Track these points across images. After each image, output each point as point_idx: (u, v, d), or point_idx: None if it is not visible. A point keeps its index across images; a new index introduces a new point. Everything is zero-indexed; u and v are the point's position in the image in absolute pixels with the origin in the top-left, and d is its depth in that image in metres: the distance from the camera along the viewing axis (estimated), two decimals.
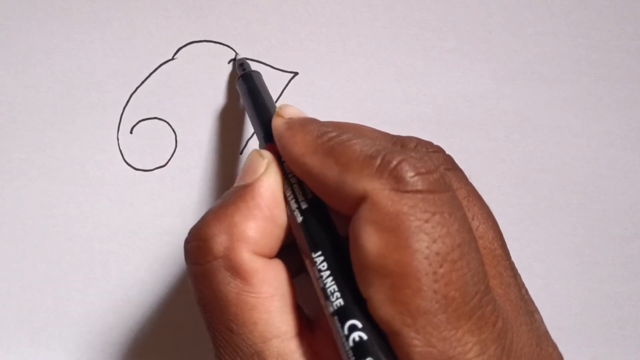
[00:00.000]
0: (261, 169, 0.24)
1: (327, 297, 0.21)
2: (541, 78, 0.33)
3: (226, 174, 0.33)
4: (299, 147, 0.23)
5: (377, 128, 0.31)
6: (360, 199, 0.21)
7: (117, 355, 0.35)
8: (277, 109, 0.26)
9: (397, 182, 0.20)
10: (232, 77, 0.33)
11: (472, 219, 0.24)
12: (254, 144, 0.33)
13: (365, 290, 0.20)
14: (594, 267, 0.35)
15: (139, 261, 0.34)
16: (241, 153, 0.34)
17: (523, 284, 0.25)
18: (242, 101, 0.30)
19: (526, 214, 0.34)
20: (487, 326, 0.20)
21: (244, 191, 0.23)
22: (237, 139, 0.33)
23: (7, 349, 0.34)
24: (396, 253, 0.20)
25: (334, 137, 0.22)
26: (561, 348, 0.36)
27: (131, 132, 0.33)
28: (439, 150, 0.26)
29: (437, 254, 0.20)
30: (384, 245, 0.20)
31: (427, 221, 0.20)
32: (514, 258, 0.33)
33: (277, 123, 0.25)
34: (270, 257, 0.23)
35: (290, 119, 0.25)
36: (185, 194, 0.33)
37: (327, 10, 0.32)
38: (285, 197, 0.24)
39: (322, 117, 0.33)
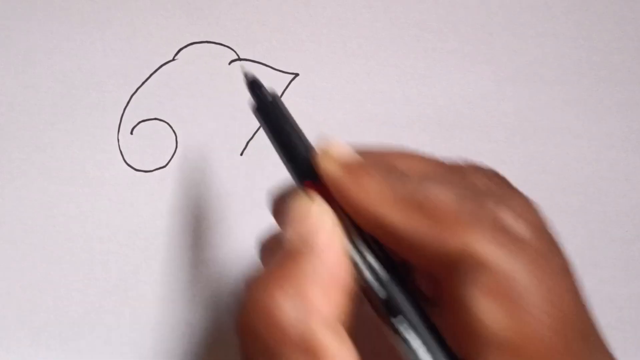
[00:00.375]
0: (321, 224, 0.20)
1: None
2: (542, 79, 0.33)
3: (227, 175, 0.33)
4: (374, 200, 0.19)
5: (377, 129, 0.31)
6: (460, 257, 0.18)
7: (117, 355, 0.35)
8: (321, 146, 0.22)
9: (504, 234, 0.18)
10: (230, 77, 0.33)
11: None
12: (254, 144, 0.33)
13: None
14: (595, 269, 0.35)
15: (139, 261, 0.34)
16: (241, 154, 0.33)
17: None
18: (264, 130, 0.25)
19: None
20: None
21: (310, 253, 0.19)
22: (237, 139, 0.33)
23: (7, 349, 0.34)
24: (518, 324, 0.17)
25: (417, 186, 0.19)
26: None
27: (131, 133, 0.33)
28: (496, 175, 0.22)
29: (560, 320, 0.18)
30: (504, 316, 0.17)
31: (542, 281, 0.18)
32: None
33: (329, 167, 0.21)
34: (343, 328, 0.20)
35: (345, 162, 0.21)
36: (185, 195, 0.33)
37: (327, 11, 0.32)
38: (356, 263, 0.20)
39: (323, 118, 0.33)
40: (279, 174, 0.34)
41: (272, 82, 0.32)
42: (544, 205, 0.36)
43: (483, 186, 0.21)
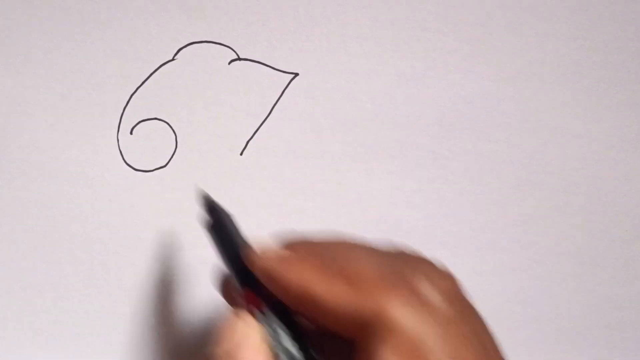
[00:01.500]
0: (246, 340, 0.22)
1: None
2: (542, 80, 0.33)
3: (226, 174, 0.33)
4: (302, 275, 0.22)
5: (377, 129, 0.31)
6: (377, 319, 0.19)
7: (117, 356, 0.35)
8: (251, 253, 0.24)
9: (418, 299, 0.19)
10: (230, 77, 0.33)
11: None
12: (254, 144, 0.33)
13: None
14: (595, 269, 0.35)
15: (139, 261, 0.34)
16: (241, 154, 0.33)
17: None
18: (213, 246, 0.28)
19: (527, 215, 0.34)
20: None
21: None
22: (237, 139, 0.33)
23: (7, 349, 0.34)
24: None
25: (339, 259, 0.22)
26: (561, 350, 0.36)
27: (131, 133, 0.33)
28: (420, 255, 0.24)
29: None
30: None
31: (449, 344, 0.19)
32: (514, 259, 0.33)
33: (263, 263, 0.23)
34: None
35: (280, 253, 0.23)
36: (185, 195, 0.33)
37: (327, 11, 0.32)
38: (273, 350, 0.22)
39: (323, 118, 0.33)
40: (279, 174, 0.34)
41: (272, 82, 0.33)
42: (544, 205, 0.36)
43: (405, 260, 0.23)
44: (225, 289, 0.28)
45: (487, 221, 0.34)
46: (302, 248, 0.23)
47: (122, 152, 0.33)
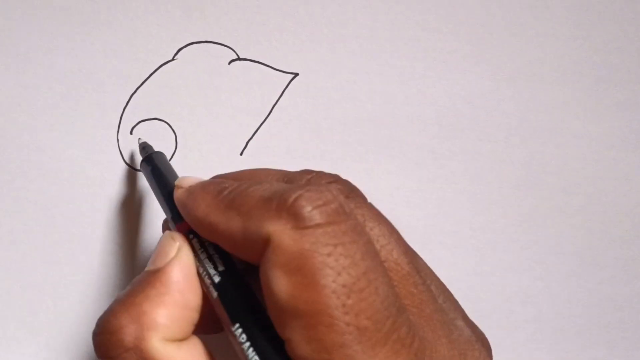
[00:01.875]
0: (172, 253, 0.24)
1: None
2: (542, 79, 0.33)
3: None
4: (202, 209, 0.23)
5: (377, 129, 0.31)
6: (265, 244, 0.21)
7: None
8: (175, 183, 0.25)
9: (296, 219, 0.20)
10: (230, 77, 0.33)
11: (374, 243, 0.23)
12: (254, 144, 0.33)
13: (282, 333, 0.20)
14: (595, 269, 0.35)
15: (138, 261, 0.34)
16: (241, 154, 0.33)
17: (443, 291, 0.25)
18: (149, 185, 0.30)
19: (527, 215, 0.34)
20: (403, 349, 0.20)
21: (154, 277, 0.23)
22: (237, 139, 0.33)
23: (7, 349, 0.34)
24: (305, 292, 0.20)
25: (233, 190, 0.23)
26: (561, 349, 0.36)
27: (131, 133, 0.33)
28: (335, 179, 0.25)
29: (344, 286, 0.20)
30: (292, 286, 0.20)
31: (330, 255, 0.20)
32: (514, 259, 0.33)
33: (178, 194, 0.25)
34: (185, 339, 0.23)
35: (190, 186, 0.25)
36: None
37: (327, 11, 0.32)
38: (200, 276, 0.23)
39: (323, 118, 0.33)
40: None
41: (271, 82, 0.33)
42: (544, 205, 0.36)
43: (298, 181, 0.25)
44: (166, 227, 0.29)
45: (487, 221, 0.34)
46: (212, 182, 0.24)
47: (122, 152, 0.33)
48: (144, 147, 0.31)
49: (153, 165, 0.29)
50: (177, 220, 0.25)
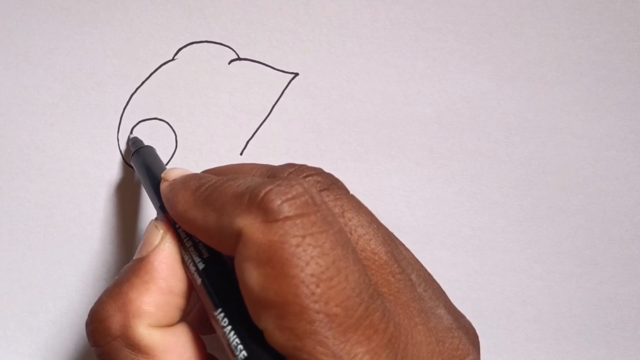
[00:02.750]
0: (156, 241, 0.24)
1: (232, 352, 0.21)
2: (541, 79, 0.33)
3: None
4: (182, 204, 0.23)
5: (377, 129, 0.31)
6: (238, 238, 0.21)
7: None
8: (162, 175, 0.26)
9: (266, 213, 0.21)
10: (230, 77, 0.33)
11: (351, 233, 0.24)
12: (254, 144, 0.33)
13: (258, 324, 0.21)
14: (594, 269, 0.35)
15: None
16: (241, 154, 0.34)
17: (425, 279, 0.25)
18: (138, 177, 0.30)
19: (526, 215, 0.34)
20: (376, 334, 0.20)
21: (138, 266, 0.24)
22: (237, 139, 0.33)
23: (7, 349, 0.34)
24: (275, 283, 0.20)
25: (210, 185, 0.23)
26: (561, 349, 0.36)
27: (131, 133, 0.33)
28: (316, 172, 0.26)
29: (312, 275, 0.20)
30: (263, 278, 0.20)
31: (298, 245, 0.20)
32: (514, 259, 0.33)
33: (162, 187, 0.25)
34: (172, 325, 0.24)
35: (173, 180, 0.25)
36: None
37: (327, 11, 0.32)
38: (185, 263, 0.24)
39: (322, 118, 0.33)
40: None
41: (272, 82, 0.33)
42: (544, 205, 0.36)
43: (271, 175, 0.25)
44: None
45: (487, 221, 0.34)
46: (193, 177, 0.25)
47: (122, 152, 0.33)
48: (134, 142, 0.32)
49: (142, 159, 0.30)
50: (164, 210, 0.26)
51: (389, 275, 0.24)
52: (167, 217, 0.25)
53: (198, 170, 0.33)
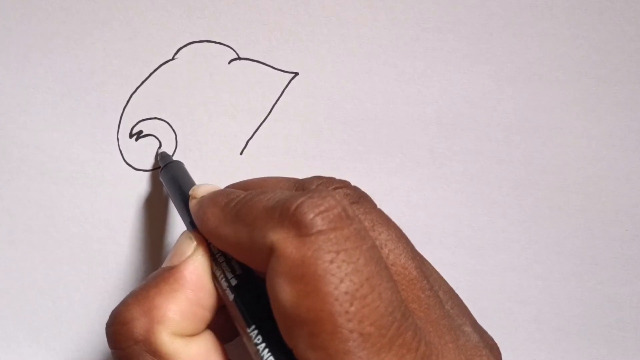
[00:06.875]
0: (188, 252, 0.24)
1: None
2: (542, 79, 0.33)
3: (226, 174, 0.33)
4: (212, 221, 0.23)
5: (377, 129, 0.31)
6: (270, 253, 0.21)
7: None
8: (190, 192, 0.26)
9: (299, 227, 0.20)
10: (230, 76, 0.33)
11: (382, 247, 0.24)
12: (254, 144, 0.33)
13: (289, 341, 0.20)
14: (595, 268, 0.35)
15: (138, 261, 0.34)
16: (241, 153, 0.34)
17: (451, 296, 0.25)
18: (167, 192, 0.30)
19: (527, 215, 0.34)
20: (409, 353, 0.20)
21: (169, 273, 0.24)
22: (237, 139, 0.33)
23: (7, 349, 0.34)
24: (307, 300, 0.20)
25: (240, 201, 0.23)
26: (561, 349, 0.36)
27: (131, 132, 0.33)
28: (343, 185, 0.25)
29: (346, 293, 0.20)
30: (296, 294, 0.20)
31: (332, 262, 0.20)
32: (514, 259, 0.33)
33: (191, 205, 0.25)
34: (196, 335, 0.24)
35: (201, 197, 0.25)
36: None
37: (327, 10, 0.32)
38: (216, 278, 0.24)
39: (322, 118, 0.33)
40: (279, 174, 0.34)
41: (271, 82, 0.33)
42: (544, 205, 0.36)
43: (301, 188, 0.25)
44: None
45: (487, 221, 0.34)
46: (221, 193, 0.24)
47: (122, 152, 0.33)
48: (163, 157, 0.32)
49: (171, 175, 0.30)
50: (194, 226, 0.26)
51: (419, 291, 0.23)
52: (197, 231, 0.25)
53: (198, 170, 0.33)
